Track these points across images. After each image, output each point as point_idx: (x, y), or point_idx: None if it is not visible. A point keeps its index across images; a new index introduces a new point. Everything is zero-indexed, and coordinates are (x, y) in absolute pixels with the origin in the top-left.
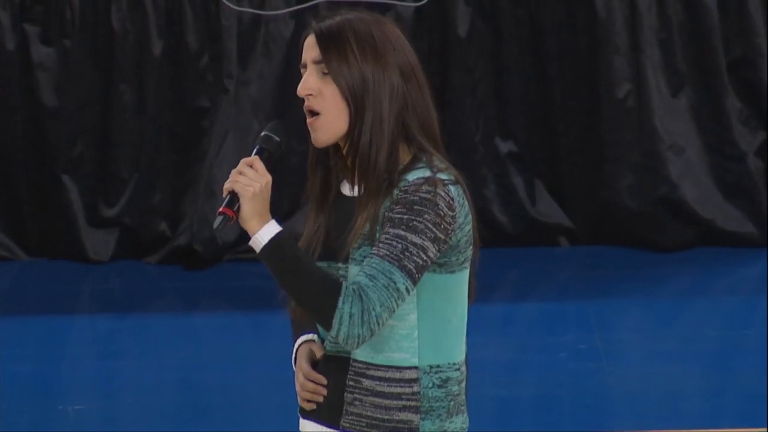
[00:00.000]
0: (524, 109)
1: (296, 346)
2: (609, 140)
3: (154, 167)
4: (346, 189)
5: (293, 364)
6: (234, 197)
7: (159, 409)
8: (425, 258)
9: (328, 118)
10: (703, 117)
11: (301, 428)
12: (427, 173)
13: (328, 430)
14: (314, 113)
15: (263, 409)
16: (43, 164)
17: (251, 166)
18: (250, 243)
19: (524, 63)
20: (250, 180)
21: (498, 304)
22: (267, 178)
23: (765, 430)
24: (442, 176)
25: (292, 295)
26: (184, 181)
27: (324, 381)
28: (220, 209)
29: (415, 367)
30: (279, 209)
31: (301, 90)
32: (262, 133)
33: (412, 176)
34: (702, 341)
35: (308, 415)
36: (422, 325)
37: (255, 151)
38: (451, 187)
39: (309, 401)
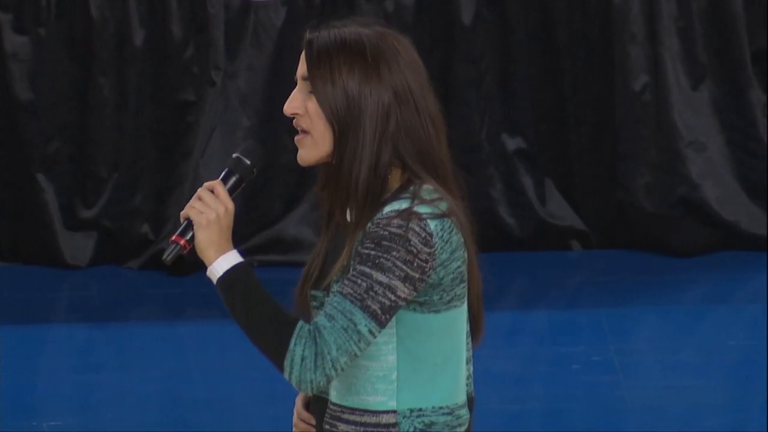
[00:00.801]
0: (533, 103)
1: None
2: (624, 136)
3: (136, 166)
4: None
5: None
6: (189, 225)
7: (141, 425)
8: (393, 298)
9: (314, 138)
10: (725, 111)
11: None
12: (404, 205)
13: None
14: (303, 131)
15: (252, 423)
16: (16, 162)
17: (213, 191)
18: (207, 274)
19: (533, 53)
20: (206, 206)
21: (505, 312)
22: (227, 205)
23: None
24: (422, 209)
25: (246, 334)
26: (167, 181)
27: (313, 421)
28: (172, 237)
29: (393, 411)
30: (271, 211)
31: (287, 109)
32: (234, 155)
33: (388, 208)
34: (724, 352)
35: None
36: (402, 366)
37: (222, 174)
38: (431, 222)
39: None
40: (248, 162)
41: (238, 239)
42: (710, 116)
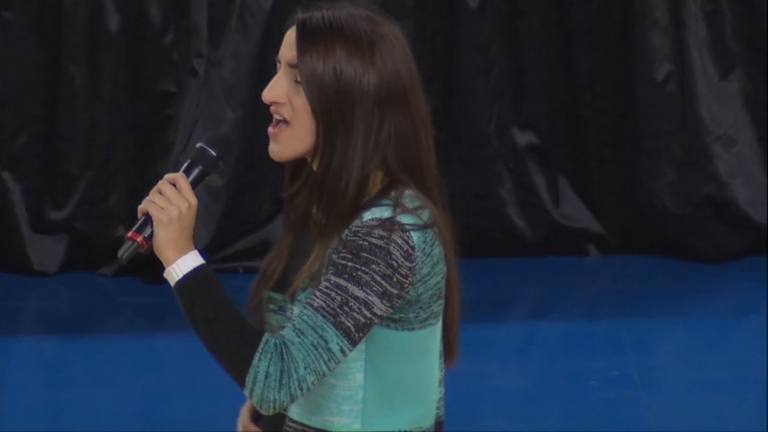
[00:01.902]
0: (546, 94)
1: None
2: (646, 131)
3: (111, 163)
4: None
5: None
6: (147, 220)
7: None
8: (368, 315)
9: (295, 131)
10: (756, 103)
11: None
12: (386, 214)
13: None
14: (282, 122)
15: None
16: None
17: (175, 185)
18: (164, 275)
19: (546, 40)
20: (167, 202)
21: (515, 323)
22: (190, 201)
23: None
24: (405, 219)
25: (205, 344)
26: (145, 179)
27: None
28: (129, 234)
29: None
30: (258, 212)
31: (267, 96)
32: (197, 145)
33: (369, 215)
34: (755, 367)
35: None
36: (369, 386)
37: (184, 166)
38: (414, 234)
39: None
40: (213, 153)
41: (223, 243)
42: (740, 108)
